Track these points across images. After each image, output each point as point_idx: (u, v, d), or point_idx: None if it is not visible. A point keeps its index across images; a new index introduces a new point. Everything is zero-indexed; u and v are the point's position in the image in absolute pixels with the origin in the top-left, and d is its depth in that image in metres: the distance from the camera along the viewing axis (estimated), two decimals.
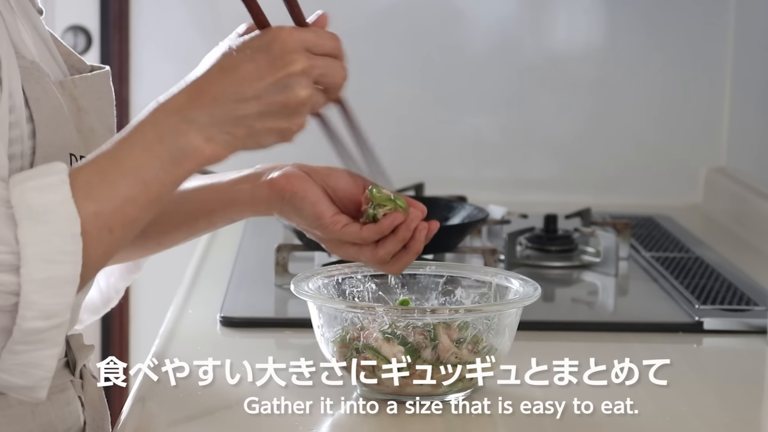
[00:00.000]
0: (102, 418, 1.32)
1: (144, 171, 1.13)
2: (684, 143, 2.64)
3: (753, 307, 1.73)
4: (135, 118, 1.17)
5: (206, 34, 2.63)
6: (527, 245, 2.05)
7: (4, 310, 1.08)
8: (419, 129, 2.62)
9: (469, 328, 1.33)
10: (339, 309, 1.35)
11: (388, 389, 1.34)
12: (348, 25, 2.63)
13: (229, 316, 1.67)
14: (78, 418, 1.28)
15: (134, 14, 2.65)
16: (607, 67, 2.63)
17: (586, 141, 2.65)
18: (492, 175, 2.65)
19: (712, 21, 2.59)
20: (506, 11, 2.63)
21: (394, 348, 1.33)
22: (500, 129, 2.66)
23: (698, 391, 1.45)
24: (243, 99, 1.15)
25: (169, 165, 1.14)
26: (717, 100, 2.62)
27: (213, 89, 1.16)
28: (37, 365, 1.10)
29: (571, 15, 2.64)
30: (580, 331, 1.67)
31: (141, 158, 1.13)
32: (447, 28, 2.62)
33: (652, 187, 2.64)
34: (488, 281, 1.44)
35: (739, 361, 1.59)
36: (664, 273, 1.93)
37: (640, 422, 1.35)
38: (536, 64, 2.63)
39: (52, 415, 1.24)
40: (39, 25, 1.25)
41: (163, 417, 1.33)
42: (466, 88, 2.64)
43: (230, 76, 1.17)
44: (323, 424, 1.32)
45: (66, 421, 1.26)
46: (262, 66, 1.18)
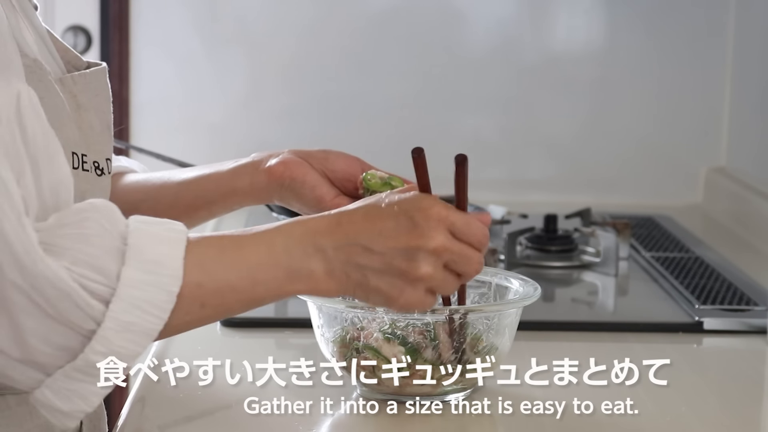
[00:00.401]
0: (99, 418, 1.32)
1: (259, 271, 1.15)
2: (684, 143, 2.64)
3: (753, 307, 1.73)
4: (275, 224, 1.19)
5: (206, 34, 2.63)
6: (527, 245, 2.05)
7: (79, 332, 1.08)
8: (419, 129, 2.62)
9: (469, 328, 1.33)
10: (339, 309, 1.35)
11: (388, 389, 1.34)
12: (348, 25, 2.63)
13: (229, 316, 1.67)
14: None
15: (134, 14, 2.65)
16: (607, 67, 2.63)
17: (586, 141, 2.65)
18: (492, 175, 2.65)
19: (712, 21, 2.59)
20: (506, 11, 2.63)
21: (394, 348, 1.32)
22: (500, 129, 2.66)
23: (698, 391, 1.45)
24: (371, 250, 1.17)
25: (284, 278, 1.16)
26: (717, 100, 2.62)
27: (351, 228, 1.17)
28: (84, 398, 1.11)
29: (571, 15, 2.64)
30: (580, 331, 1.67)
31: (262, 258, 1.15)
32: (447, 28, 2.62)
33: (652, 187, 2.64)
34: (488, 281, 1.44)
35: (739, 361, 1.59)
36: (664, 273, 1.93)
37: (640, 422, 1.35)
38: (536, 64, 2.63)
39: None
40: (36, 22, 1.25)
41: (164, 417, 1.33)
42: (466, 88, 2.64)
43: (370, 225, 1.17)
44: (323, 424, 1.32)
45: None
46: (400, 228, 1.17)
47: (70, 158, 1.20)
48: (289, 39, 2.62)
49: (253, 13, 2.63)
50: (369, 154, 2.49)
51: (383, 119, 2.62)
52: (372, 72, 2.64)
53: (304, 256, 1.16)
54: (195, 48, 2.65)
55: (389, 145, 2.33)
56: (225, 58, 2.63)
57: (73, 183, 1.14)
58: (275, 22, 2.63)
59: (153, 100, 2.66)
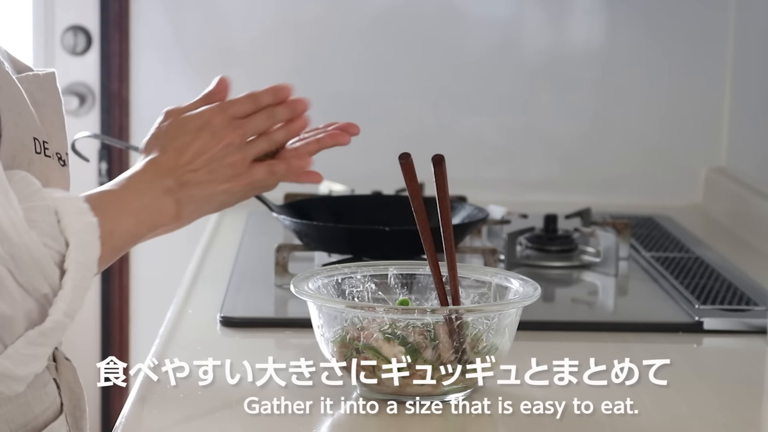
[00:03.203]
0: (78, 398, 1.33)
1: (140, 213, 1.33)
2: (684, 143, 2.64)
3: (753, 307, 1.73)
4: None
5: (206, 34, 2.63)
6: (527, 245, 2.05)
7: (37, 298, 1.14)
8: (419, 129, 2.62)
9: (468, 328, 1.33)
10: (339, 309, 1.35)
11: (388, 389, 1.34)
12: (348, 25, 2.63)
13: (229, 316, 1.67)
14: (54, 399, 1.29)
15: (134, 14, 2.65)
16: (607, 67, 2.63)
17: (587, 141, 2.65)
18: (492, 175, 2.65)
19: (713, 21, 2.60)
20: (506, 11, 2.63)
21: (394, 348, 1.33)
22: (500, 129, 2.66)
23: (698, 391, 1.45)
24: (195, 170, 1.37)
25: (148, 217, 1.35)
26: (717, 101, 2.62)
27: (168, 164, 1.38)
28: (38, 359, 1.16)
29: (571, 15, 2.64)
30: (580, 331, 1.67)
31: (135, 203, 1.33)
32: (447, 28, 2.62)
33: (652, 187, 2.64)
34: (488, 281, 1.44)
35: (739, 361, 1.59)
36: (664, 273, 1.93)
37: (640, 422, 1.35)
38: (536, 64, 2.63)
39: (29, 396, 1.25)
40: None
41: (163, 417, 1.33)
42: (466, 88, 2.64)
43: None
44: (323, 424, 1.32)
45: (43, 402, 1.27)
46: (194, 142, 1.39)
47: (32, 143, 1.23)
48: (289, 39, 2.62)
49: (253, 14, 2.63)
50: (369, 153, 2.50)
51: (383, 119, 2.62)
52: (372, 72, 2.64)
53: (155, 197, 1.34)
54: (195, 48, 2.65)
55: (389, 145, 2.33)
56: (225, 58, 2.63)
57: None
58: (275, 22, 2.63)
59: (153, 100, 2.65)
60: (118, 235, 1.28)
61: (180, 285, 1.86)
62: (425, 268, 1.44)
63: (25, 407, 1.24)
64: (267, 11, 2.63)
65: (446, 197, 1.37)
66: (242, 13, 2.63)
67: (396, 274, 1.46)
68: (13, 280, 1.12)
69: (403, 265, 1.48)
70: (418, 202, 1.38)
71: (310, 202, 2.03)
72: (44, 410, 1.27)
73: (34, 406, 1.26)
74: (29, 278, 1.13)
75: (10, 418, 1.22)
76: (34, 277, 1.13)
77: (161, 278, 2.65)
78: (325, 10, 2.63)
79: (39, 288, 1.14)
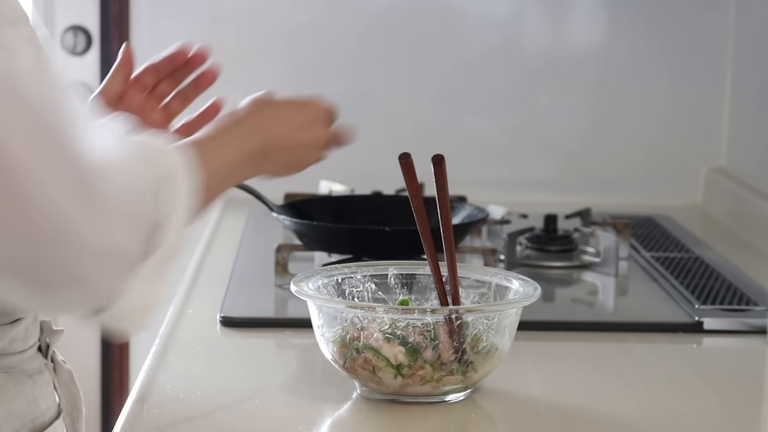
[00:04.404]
0: (75, 399, 1.35)
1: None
2: (684, 143, 2.64)
3: (753, 307, 1.73)
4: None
5: (206, 34, 2.63)
6: (527, 245, 2.05)
7: (148, 227, 1.12)
8: (419, 129, 2.62)
9: (468, 328, 1.33)
10: (339, 309, 1.35)
11: (388, 389, 1.34)
12: (348, 25, 2.63)
13: (229, 316, 1.67)
14: (54, 399, 1.30)
15: (134, 14, 2.65)
16: (607, 67, 2.63)
17: (587, 141, 2.65)
18: (492, 175, 2.65)
19: (713, 21, 2.60)
20: (506, 11, 2.63)
21: (394, 348, 1.33)
22: (500, 129, 2.66)
23: (698, 391, 1.45)
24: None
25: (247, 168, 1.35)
26: (717, 101, 2.62)
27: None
28: (159, 288, 1.16)
29: (571, 15, 2.64)
30: (580, 331, 1.67)
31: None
32: (447, 28, 2.63)
33: (652, 187, 2.64)
34: (488, 281, 1.44)
35: (739, 361, 1.60)
36: (664, 273, 1.93)
37: (640, 422, 1.35)
38: (536, 64, 2.63)
39: (36, 393, 1.27)
40: None
41: (164, 417, 1.33)
42: (466, 88, 2.64)
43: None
44: (323, 424, 1.32)
45: (47, 399, 1.29)
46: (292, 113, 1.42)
47: None
48: (289, 39, 2.62)
49: (253, 14, 2.63)
50: (369, 154, 2.50)
51: (383, 119, 2.62)
52: (372, 72, 2.64)
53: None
54: None
55: (389, 145, 2.33)
56: (225, 58, 2.63)
57: None
58: (275, 22, 2.63)
59: None
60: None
61: (180, 285, 1.86)
62: (425, 268, 1.44)
63: (33, 404, 1.26)
64: (267, 12, 2.63)
65: (446, 197, 1.38)
66: (242, 14, 2.63)
67: (396, 274, 1.47)
68: (129, 209, 1.10)
69: (403, 265, 1.48)
70: (418, 202, 1.38)
71: (310, 202, 2.03)
72: (48, 408, 1.29)
73: (41, 403, 1.27)
74: (142, 206, 1.12)
75: (20, 413, 1.24)
76: (146, 204, 1.12)
77: None
78: (324, 10, 2.63)
79: (151, 215, 1.13)
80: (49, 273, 1.04)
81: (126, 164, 1.11)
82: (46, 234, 1.02)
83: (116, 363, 2.72)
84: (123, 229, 1.08)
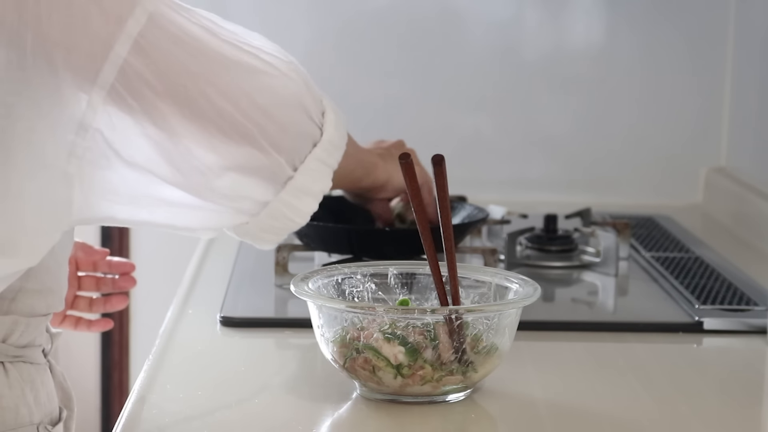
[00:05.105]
0: (68, 399, 1.39)
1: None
2: (684, 143, 2.64)
3: (753, 307, 1.73)
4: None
5: None
6: (527, 245, 2.05)
7: (313, 123, 1.36)
8: (419, 129, 2.62)
9: (468, 328, 1.33)
10: (339, 309, 1.35)
11: (388, 389, 1.34)
12: (348, 24, 2.63)
13: (229, 316, 1.67)
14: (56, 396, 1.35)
15: None
16: (607, 67, 2.63)
17: (587, 141, 2.65)
18: (492, 175, 2.65)
19: (713, 21, 2.60)
20: (506, 11, 2.63)
21: (394, 348, 1.33)
22: (500, 129, 2.66)
23: (698, 391, 1.45)
24: None
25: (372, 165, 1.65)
26: (717, 100, 2.62)
27: None
28: (325, 176, 1.38)
29: (571, 15, 2.64)
30: (580, 331, 1.67)
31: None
32: (447, 28, 2.63)
33: (652, 187, 2.64)
34: (488, 281, 1.44)
35: (739, 361, 1.59)
36: (664, 273, 1.93)
37: (640, 422, 1.35)
38: (536, 64, 2.63)
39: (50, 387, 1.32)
40: None
41: (163, 417, 1.33)
42: (466, 88, 2.64)
43: None
44: (323, 424, 1.32)
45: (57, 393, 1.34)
46: None
47: None
48: (289, 39, 2.62)
49: (252, 14, 2.63)
50: None
51: (383, 119, 2.62)
52: (372, 71, 2.64)
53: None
54: None
55: None
56: None
57: None
58: (275, 22, 2.63)
59: None
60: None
61: (180, 285, 1.86)
62: (425, 268, 1.44)
63: (51, 395, 1.31)
64: (267, 12, 2.63)
65: (446, 197, 1.38)
66: (242, 15, 2.63)
67: (396, 274, 1.47)
68: (303, 112, 1.33)
69: (403, 265, 1.48)
70: (418, 202, 1.38)
71: None
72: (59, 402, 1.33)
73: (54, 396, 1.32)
74: (311, 105, 1.36)
75: (42, 402, 1.29)
76: (311, 105, 1.35)
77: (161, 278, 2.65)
78: (324, 10, 2.63)
79: (316, 112, 1.36)
80: (282, 134, 1.30)
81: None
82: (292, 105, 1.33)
83: (116, 363, 2.72)
84: (314, 107, 1.36)
